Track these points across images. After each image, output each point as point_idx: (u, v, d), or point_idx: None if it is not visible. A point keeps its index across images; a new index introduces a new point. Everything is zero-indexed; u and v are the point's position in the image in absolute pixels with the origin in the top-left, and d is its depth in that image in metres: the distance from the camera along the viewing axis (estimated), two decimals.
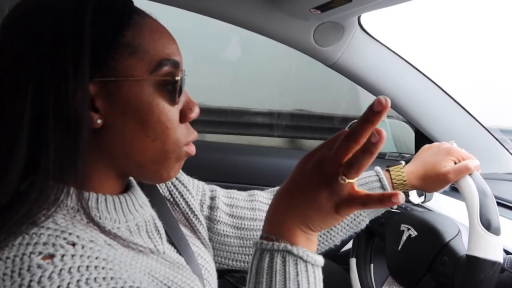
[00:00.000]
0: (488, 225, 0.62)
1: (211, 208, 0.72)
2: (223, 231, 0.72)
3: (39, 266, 0.36)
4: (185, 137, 0.50)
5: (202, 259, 0.62)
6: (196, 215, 0.69)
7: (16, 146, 0.41)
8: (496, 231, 0.62)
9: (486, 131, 1.11)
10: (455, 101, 1.10)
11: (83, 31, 0.42)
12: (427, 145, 0.76)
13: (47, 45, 0.42)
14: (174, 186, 0.68)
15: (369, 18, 0.99)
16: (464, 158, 0.71)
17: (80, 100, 0.42)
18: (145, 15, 0.48)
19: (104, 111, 0.45)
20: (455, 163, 0.71)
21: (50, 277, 0.36)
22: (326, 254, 0.79)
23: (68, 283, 0.36)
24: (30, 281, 0.36)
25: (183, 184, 0.69)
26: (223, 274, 0.71)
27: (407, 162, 0.76)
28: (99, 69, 0.44)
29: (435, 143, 0.76)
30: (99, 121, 0.45)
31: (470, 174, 0.69)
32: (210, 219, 0.72)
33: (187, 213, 0.68)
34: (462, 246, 0.70)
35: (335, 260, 1.08)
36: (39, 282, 0.36)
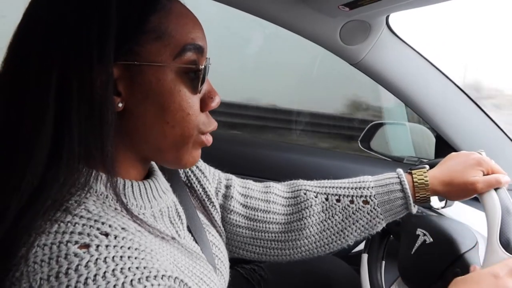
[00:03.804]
0: (507, 245, 0.60)
1: (226, 196, 0.73)
2: (236, 221, 0.73)
3: (76, 255, 0.37)
4: (205, 126, 0.50)
5: (216, 249, 0.63)
6: (212, 201, 0.69)
7: (41, 127, 0.41)
8: None
9: (510, 142, 1.08)
10: (481, 108, 1.07)
11: (109, 15, 0.42)
12: (455, 153, 0.74)
13: (73, 28, 0.42)
14: (192, 171, 0.69)
15: (397, 17, 0.98)
16: (493, 171, 0.69)
17: (103, 83, 0.42)
18: None
19: (125, 95, 0.45)
20: (483, 175, 0.68)
21: (87, 266, 0.37)
22: (338, 254, 0.79)
23: (105, 272, 0.37)
24: (68, 268, 0.37)
25: (200, 170, 0.70)
26: (233, 264, 0.71)
27: (431, 166, 0.74)
28: (124, 53, 0.44)
29: (463, 152, 0.73)
30: (120, 105, 0.45)
31: (496, 189, 0.66)
32: (224, 208, 0.72)
33: (203, 199, 0.69)
34: (478, 260, 0.68)
35: (346, 260, 1.08)
36: (76, 270, 0.36)
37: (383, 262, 0.86)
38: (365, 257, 0.86)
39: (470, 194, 0.69)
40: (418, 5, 0.76)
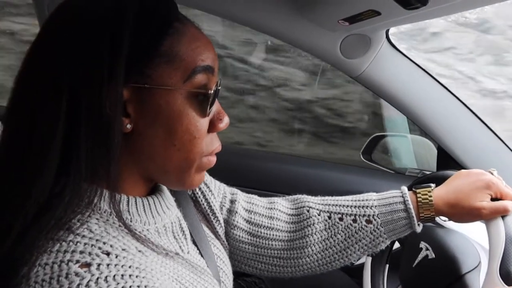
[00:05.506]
0: (506, 277, 0.58)
1: (230, 211, 0.72)
2: (239, 236, 0.72)
3: (77, 274, 0.37)
4: (209, 147, 0.50)
5: (220, 262, 0.63)
6: (217, 216, 0.69)
7: (50, 147, 0.41)
8: None
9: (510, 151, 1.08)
10: (482, 120, 1.08)
11: (122, 36, 0.42)
12: (464, 171, 0.70)
13: (84, 47, 0.42)
14: None
15: None
16: (502, 195, 0.65)
17: (113, 104, 0.42)
18: (186, 22, 0.48)
19: (134, 116, 0.45)
20: (492, 198, 0.65)
21: (87, 285, 0.37)
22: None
23: None
24: None
25: (205, 184, 0.70)
26: (235, 277, 0.71)
27: (435, 179, 0.72)
28: (134, 75, 0.44)
29: (474, 171, 0.69)
30: (128, 126, 0.45)
31: (503, 216, 0.63)
32: (228, 223, 0.72)
33: (208, 213, 0.69)
34: (477, 283, 0.67)
35: (348, 273, 1.07)
36: None
37: (387, 266, 0.83)
38: (368, 260, 0.85)
39: (475, 219, 0.66)
40: (416, 20, 0.77)
